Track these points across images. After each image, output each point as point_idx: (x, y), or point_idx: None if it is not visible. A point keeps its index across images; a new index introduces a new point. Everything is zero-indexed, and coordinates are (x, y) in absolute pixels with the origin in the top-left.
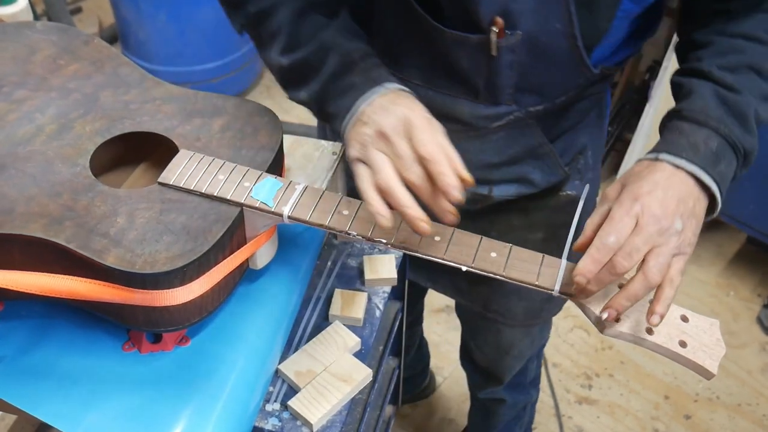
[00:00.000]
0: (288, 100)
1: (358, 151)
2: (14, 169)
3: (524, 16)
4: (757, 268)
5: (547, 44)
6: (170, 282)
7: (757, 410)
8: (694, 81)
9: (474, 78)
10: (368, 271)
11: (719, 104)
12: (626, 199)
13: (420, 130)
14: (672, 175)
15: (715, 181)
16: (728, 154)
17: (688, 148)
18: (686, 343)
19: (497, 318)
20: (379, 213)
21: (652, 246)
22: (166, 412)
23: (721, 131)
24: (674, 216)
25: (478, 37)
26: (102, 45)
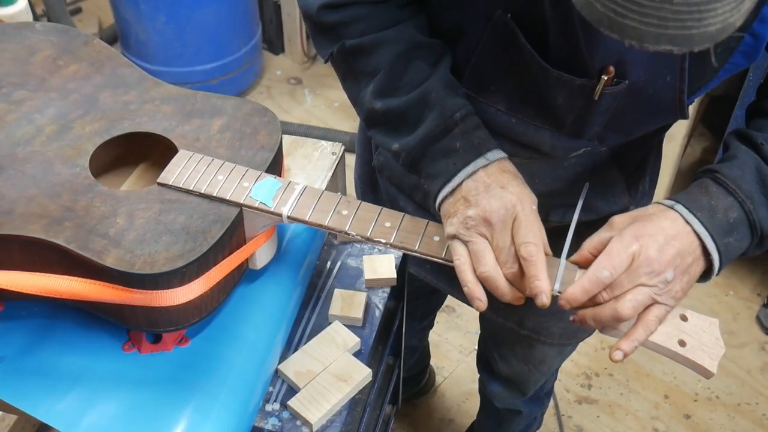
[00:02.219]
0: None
1: (459, 230)
2: (14, 169)
3: (637, 67)
4: (757, 267)
5: (651, 94)
6: (170, 282)
7: (757, 410)
8: (743, 148)
9: (565, 114)
10: (368, 271)
11: (756, 180)
12: (628, 235)
13: (525, 226)
14: (680, 227)
15: (719, 251)
16: (743, 230)
17: (706, 209)
18: (685, 343)
19: (531, 335)
20: (479, 299)
21: (636, 284)
22: (166, 412)
23: (745, 206)
24: (668, 265)
25: (583, 81)
26: (101, 45)
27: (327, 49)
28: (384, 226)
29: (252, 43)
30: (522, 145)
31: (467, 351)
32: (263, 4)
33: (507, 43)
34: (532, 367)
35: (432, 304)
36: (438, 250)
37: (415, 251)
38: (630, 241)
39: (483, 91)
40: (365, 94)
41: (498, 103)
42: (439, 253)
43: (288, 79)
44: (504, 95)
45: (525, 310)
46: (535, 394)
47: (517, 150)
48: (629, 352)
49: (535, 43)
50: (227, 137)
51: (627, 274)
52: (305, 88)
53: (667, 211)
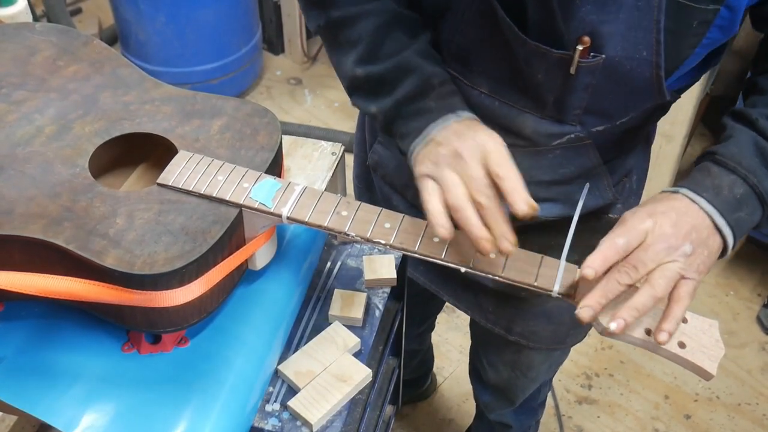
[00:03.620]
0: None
1: (429, 168)
2: (13, 170)
3: (612, 40)
4: (757, 267)
5: (628, 70)
6: (169, 283)
7: (757, 410)
8: (738, 126)
9: (545, 94)
10: (368, 272)
11: (755, 154)
12: (641, 212)
13: (496, 154)
14: (689, 206)
15: (730, 226)
16: (752, 203)
17: (711, 189)
18: (685, 344)
19: (520, 340)
20: (442, 225)
21: (658, 263)
22: (165, 413)
23: (749, 180)
24: (685, 239)
25: (560, 53)
26: (101, 46)
27: (316, 21)
28: (384, 227)
29: (252, 44)
30: (505, 130)
31: (467, 351)
32: (263, 4)
33: (487, 18)
34: (520, 373)
35: (429, 309)
36: (438, 251)
37: (415, 252)
38: (644, 216)
39: (467, 72)
40: (348, 62)
41: (481, 86)
42: (438, 254)
43: (288, 79)
44: (487, 76)
45: (514, 315)
46: (526, 405)
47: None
48: (673, 330)
49: (515, 17)
50: (227, 138)
51: (644, 250)
52: (305, 88)
53: (673, 195)
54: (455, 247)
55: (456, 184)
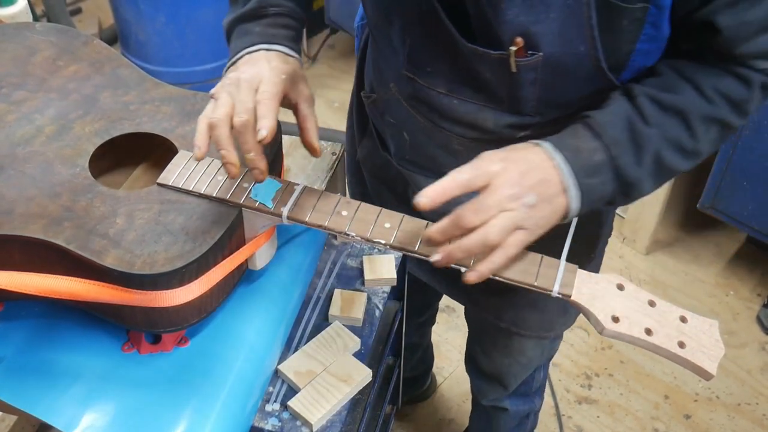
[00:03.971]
0: None
1: (216, 89)
2: (13, 170)
3: (546, 38)
4: (757, 267)
5: (571, 65)
6: (169, 283)
7: (757, 410)
8: (620, 98)
9: (497, 90)
10: (368, 272)
11: (624, 128)
12: (495, 155)
13: (266, 82)
14: (543, 161)
15: (579, 189)
16: (607, 174)
17: (571, 149)
18: (685, 344)
19: (510, 328)
20: (195, 143)
21: (501, 210)
22: (165, 413)
23: (611, 151)
24: (530, 189)
25: (498, 54)
26: (101, 46)
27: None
28: (383, 227)
29: None
30: (470, 126)
31: None
32: None
33: (432, 20)
34: (513, 360)
35: (428, 297)
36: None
37: (415, 252)
38: (495, 159)
39: (422, 73)
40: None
41: (438, 86)
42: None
43: None
44: (441, 77)
45: (502, 304)
46: (521, 391)
47: (466, 131)
48: (485, 273)
49: (458, 19)
50: None
51: (490, 194)
52: None
53: (534, 146)
54: None
55: (223, 105)
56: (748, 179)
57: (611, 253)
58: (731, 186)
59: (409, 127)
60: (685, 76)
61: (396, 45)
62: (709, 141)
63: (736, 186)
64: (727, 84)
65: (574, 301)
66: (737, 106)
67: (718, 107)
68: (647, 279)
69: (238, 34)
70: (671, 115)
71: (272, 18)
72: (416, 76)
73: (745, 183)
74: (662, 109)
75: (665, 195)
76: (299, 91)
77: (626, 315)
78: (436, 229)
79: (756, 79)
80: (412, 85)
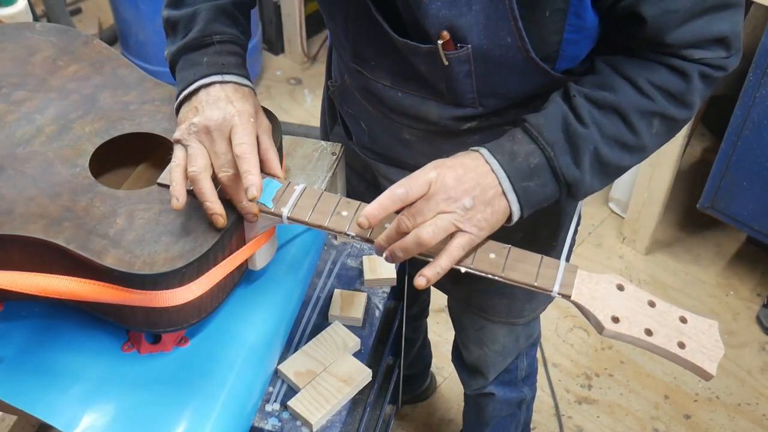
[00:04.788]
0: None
1: (182, 135)
2: (13, 170)
3: (472, 31)
4: (757, 267)
5: (502, 57)
6: (169, 283)
7: (757, 410)
8: (556, 99)
9: (435, 82)
10: (368, 272)
11: (560, 129)
12: (428, 165)
13: (239, 129)
14: (479, 165)
15: (516, 193)
16: (545, 176)
17: (508, 153)
18: (685, 345)
19: (480, 313)
20: (174, 194)
21: (437, 213)
22: (165, 413)
23: (546, 152)
24: (466, 193)
25: (427, 47)
26: (101, 46)
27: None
28: (384, 227)
29: (252, 44)
30: (414, 118)
31: None
32: (263, 5)
33: (366, 16)
34: (487, 349)
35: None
36: (436, 251)
37: None
38: (429, 169)
39: (368, 67)
40: (163, 5)
41: (383, 79)
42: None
43: (288, 79)
44: (384, 70)
45: (470, 289)
46: (505, 378)
47: (413, 123)
48: (431, 278)
49: (390, 15)
50: None
51: (426, 200)
52: (305, 88)
53: (471, 152)
54: None
55: (199, 156)
56: (748, 179)
57: (611, 253)
58: (731, 186)
59: (364, 117)
60: (621, 73)
61: (342, 39)
62: (654, 135)
63: (736, 186)
64: (662, 77)
65: (575, 301)
66: (676, 99)
67: (655, 101)
68: (647, 279)
69: (185, 65)
70: (608, 113)
71: (218, 46)
72: (363, 69)
73: (745, 183)
74: (598, 108)
75: (665, 195)
76: (259, 123)
77: (626, 315)
78: (381, 236)
79: (692, 70)
80: (361, 78)
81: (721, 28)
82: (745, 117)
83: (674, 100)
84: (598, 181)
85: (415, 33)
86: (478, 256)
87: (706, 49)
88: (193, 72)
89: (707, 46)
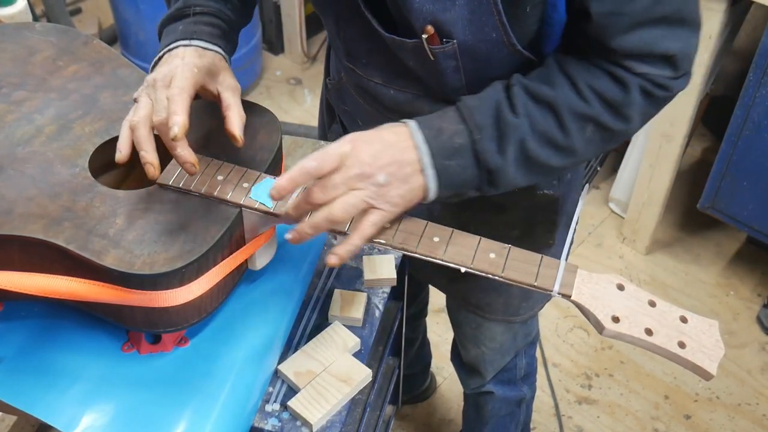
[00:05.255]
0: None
1: (137, 93)
2: (13, 170)
3: (456, 26)
4: (757, 267)
5: (488, 52)
6: (169, 283)
7: (757, 410)
8: (497, 86)
9: (425, 78)
10: (368, 272)
11: (491, 115)
12: (345, 139)
13: (177, 77)
14: (402, 140)
15: (435, 170)
16: (467, 159)
17: (434, 129)
18: (685, 344)
19: (476, 311)
20: (118, 147)
21: (349, 188)
22: (165, 413)
23: (473, 136)
24: (380, 169)
25: (413, 42)
26: (101, 46)
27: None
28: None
29: (252, 44)
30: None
31: None
32: (263, 5)
33: (355, 12)
34: (485, 348)
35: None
36: (438, 251)
37: (415, 252)
38: (344, 143)
39: (360, 65)
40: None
41: (375, 77)
42: (438, 254)
43: (288, 79)
44: (375, 68)
45: (466, 288)
46: (504, 377)
47: None
48: (344, 255)
49: (378, 11)
50: (227, 137)
51: (339, 174)
52: (305, 88)
53: (397, 126)
54: (455, 247)
55: (142, 107)
56: (748, 179)
57: (611, 253)
58: (731, 186)
59: (360, 115)
60: (564, 71)
61: (335, 38)
62: (586, 140)
63: (736, 186)
64: (602, 83)
65: (575, 301)
66: (613, 108)
67: (590, 105)
68: (647, 279)
69: (165, 35)
70: (542, 107)
71: (195, 17)
72: (355, 67)
73: (745, 183)
74: (534, 101)
75: (665, 195)
76: (220, 81)
77: (626, 315)
78: (290, 204)
79: (633, 83)
80: (355, 76)
81: (670, 46)
82: (745, 117)
83: (611, 109)
84: (522, 175)
85: (402, 29)
86: (478, 255)
87: (651, 65)
88: (167, 40)
89: (652, 61)
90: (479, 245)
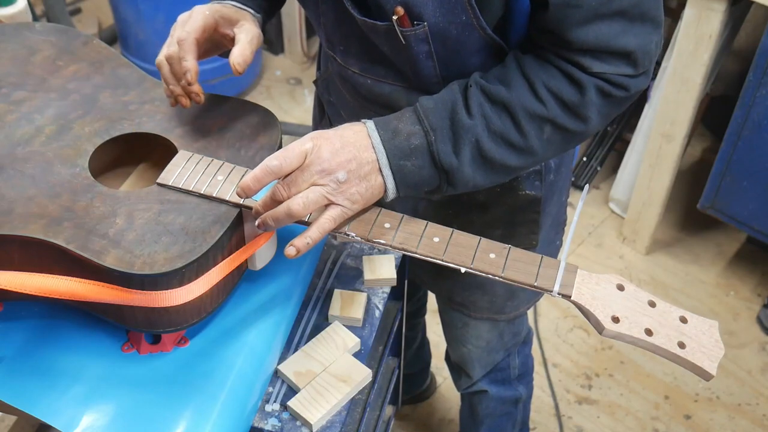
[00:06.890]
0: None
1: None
2: (13, 170)
3: (426, 8)
4: (757, 267)
5: (459, 36)
6: (169, 283)
7: (757, 410)
8: (454, 86)
9: (400, 65)
10: (367, 272)
11: (446, 116)
12: (306, 137)
13: (189, 20)
14: (361, 139)
15: (392, 170)
16: (423, 160)
17: (391, 130)
18: (685, 345)
19: (462, 310)
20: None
21: (310, 184)
22: (165, 413)
23: (428, 137)
24: (340, 166)
25: (385, 25)
26: (101, 46)
27: None
28: (383, 227)
29: None
30: (385, 106)
31: None
32: None
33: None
34: (471, 346)
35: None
36: (438, 251)
37: (415, 252)
38: (306, 140)
39: (339, 53)
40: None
41: (353, 66)
42: (438, 255)
43: (288, 79)
44: (353, 56)
45: (451, 286)
46: (498, 378)
47: (384, 112)
48: (301, 247)
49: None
50: (227, 137)
51: (301, 171)
52: (305, 88)
53: (356, 125)
54: (455, 247)
55: (165, 48)
56: (748, 179)
57: (611, 253)
58: (731, 186)
59: (344, 107)
60: (522, 71)
61: (318, 25)
62: (545, 141)
63: (736, 186)
64: (558, 84)
65: (575, 301)
66: (569, 109)
67: (547, 107)
68: (647, 279)
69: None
70: (498, 108)
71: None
72: (335, 55)
73: (745, 183)
74: (490, 102)
75: (665, 195)
76: (239, 25)
77: (626, 315)
78: (258, 201)
79: (589, 84)
80: (336, 65)
81: (628, 42)
82: (745, 117)
83: (567, 110)
84: (480, 175)
85: (374, 11)
86: (478, 256)
87: (608, 63)
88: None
89: (610, 59)
90: (479, 245)
